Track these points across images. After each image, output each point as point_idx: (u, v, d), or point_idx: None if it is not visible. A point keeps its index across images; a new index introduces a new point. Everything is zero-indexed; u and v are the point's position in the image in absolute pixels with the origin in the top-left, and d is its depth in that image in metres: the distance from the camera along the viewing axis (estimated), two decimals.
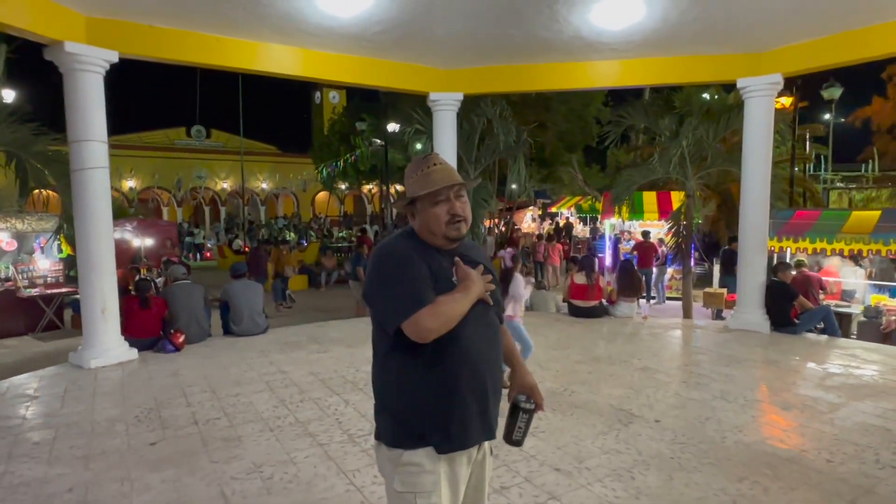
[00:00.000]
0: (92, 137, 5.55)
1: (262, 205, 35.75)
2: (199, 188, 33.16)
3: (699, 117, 8.94)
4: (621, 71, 7.39)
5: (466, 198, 1.76)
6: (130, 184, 30.14)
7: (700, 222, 10.94)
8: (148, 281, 7.03)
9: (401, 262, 1.65)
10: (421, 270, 1.63)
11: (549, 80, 7.79)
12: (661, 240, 11.56)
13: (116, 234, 6.83)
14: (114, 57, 5.64)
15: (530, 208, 23.51)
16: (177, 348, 6.22)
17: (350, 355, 6.08)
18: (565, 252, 14.53)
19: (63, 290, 9.08)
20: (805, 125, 17.59)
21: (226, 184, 34.01)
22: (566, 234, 19.26)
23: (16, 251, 9.27)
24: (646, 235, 11.80)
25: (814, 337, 6.92)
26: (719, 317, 9.35)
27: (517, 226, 20.61)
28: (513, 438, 1.76)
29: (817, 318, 7.05)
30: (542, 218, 24.18)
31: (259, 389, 4.96)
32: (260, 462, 3.52)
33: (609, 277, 10.22)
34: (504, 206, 17.78)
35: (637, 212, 12.07)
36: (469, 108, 9.03)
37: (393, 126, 18.48)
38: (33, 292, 8.77)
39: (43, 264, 9.41)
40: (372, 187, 33.69)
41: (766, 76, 6.84)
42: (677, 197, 11.14)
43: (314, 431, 4.00)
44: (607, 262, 12.51)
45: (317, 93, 38.82)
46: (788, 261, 8.01)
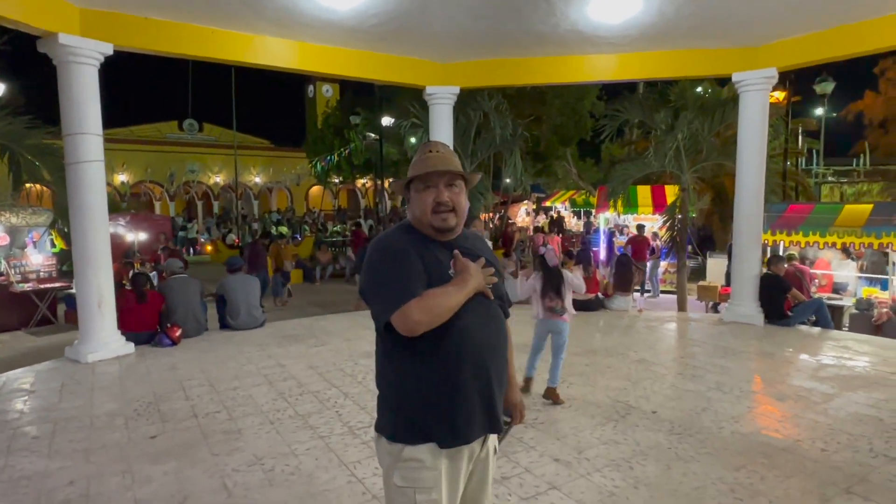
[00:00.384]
0: (87, 130, 5.51)
1: (256, 199, 35.56)
2: (192, 182, 32.93)
3: (694, 111, 8.97)
4: (618, 65, 7.40)
5: (460, 189, 1.70)
6: (122, 178, 29.87)
7: (695, 216, 11.00)
8: (145, 275, 7.00)
9: (393, 257, 1.62)
10: (413, 264, 1.59)
11: (546, 74, 7.80)
12: (656, 233, 11.62)
13: (110, 229, 6.79)
14: (108, 49, 5.59)
15: (525, 202, 23.54)
16: (174, 342, 6.21)
17: (348, 348, 6.09)
18: (564, 246, 14.59)
19: (56, 285, 9.02)
20: (798, 119, 17.68)
21: (218, 178, 33.78)
22: (559, 229, 19.31)
23: (7, 246, 9.19)
24: (640, 229, 11.86)
25: (807, 329, 6.99)
26: (715, 310, 9.43)
27: (511, 220, 20.65)
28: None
29: (810, 311, 7.13)
30: (537, 212, 24.22)
31: (258, 383, 4.96)
32: (261, 454, 3.53)
33: (604, 271, 10.28)
34: (499, 200, 17.80)
35: (632, 206, 12.12)
36: (465, 102, 9.02)
37: (387, 120, 18.42)
38: (26, 287, 8.70)
39: (36, 259, 9.33)
40: (366, 181, 33.57)
41: (761, 70, 6.89)
42: (671, 191, 11.20)
43: (314, 424, 4.01)
44: (601, 256, 12.58)
45: (310, 86, 38.59)
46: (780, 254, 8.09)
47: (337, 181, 31.11)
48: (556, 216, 22.37)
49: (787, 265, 7.70)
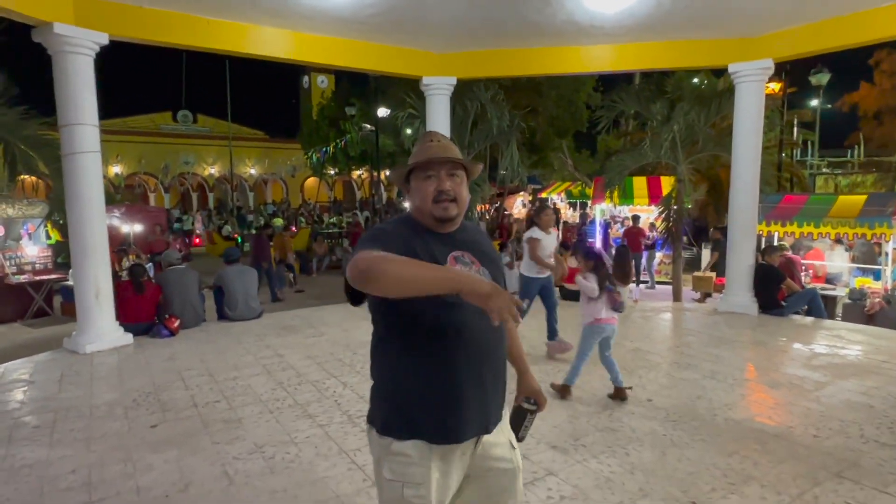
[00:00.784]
0: (83, 121, 5.49)
1: (251, 191, 35.47)
2: (187, 174, 32.80)
3: (691, 102, 8.99)
4: (614, 55, 7.41)
5: (462, 179, 1.66)
6: (116, 169, 29.72)
7: (690, 207, 11.05)
8: (142, 266, 7.00)
9: (377, 235, 1.57)
10: (395, 241, 1.52)
11: (543, 65, 7.79)
12: (653, 224, 11.67)
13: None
14: (103, 39, 5.56)
15: (521, 193, 23.55)
16: (172, 333, 6.22)
17: (346, 338, 6.12)
18: (565, 237, 14.64)
19: (52, 277, 9.01)
20: (793, 111, 17.73)
21: (213, 169, 33.65)
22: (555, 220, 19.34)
23: (3, 237, 9.16)
24: (635, 220, 11.91)
25: (800, 319, 7.07)
26: (703, 300, 9.50)
27: (508, 211, 20.67)
28: (518, 436, 1.87)
29: (804, 301, 7.19)
30: (533, 203, 24.23)
31: (256, 373, 4.99)
32: (261, 443, 3.57)
33: None
34: (495, 192, 17.81)
35: (628, 197, 12.16)
36: (462, 93, 9.01)
37: (383, 111, 18.36)
38: (22, 279, 8.69)
39: (31, 251, 9.31)
40: (362, 173, 33.53)
41: (757, 61, 6.90)
42: (667, 182, 11.24)
43: (313, 413, 4.05)
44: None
45: (305, 77, 38.40)
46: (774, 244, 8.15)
47: (332, 172, 31.06)
48: (554, 207, 22.38)
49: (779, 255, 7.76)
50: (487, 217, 16.86)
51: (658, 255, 11.89)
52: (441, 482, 1.59)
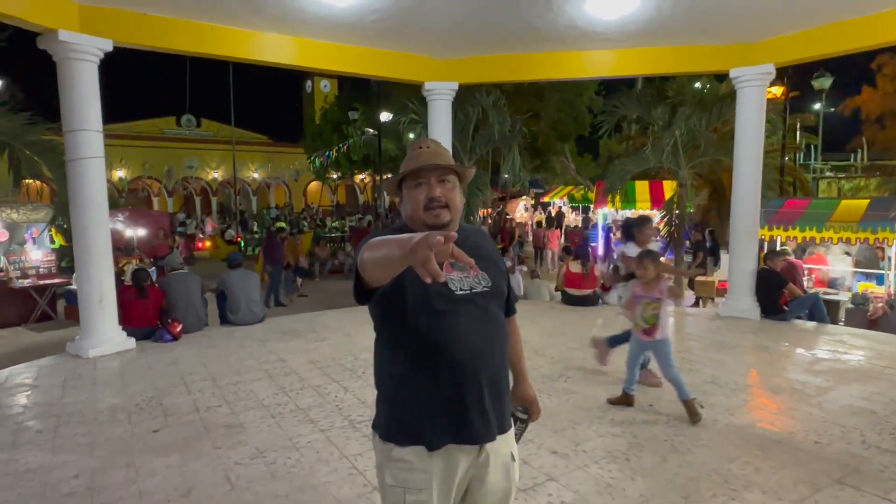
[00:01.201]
0: (87, 127, 5.52)
1: (254, 195, 35.55)
2: (190, 178, 32.90)
3: (692, 107, 9.01)
4: (616, 60, 7.42)
5: (454, 185, 1.62)
6: (120, 174, 29.84)
7: (692, 211, 11.05)
8: (145, 271, 7.03)
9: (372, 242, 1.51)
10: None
11: (545, 70, 7.82)
12: (657, 228, 11.66)
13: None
14: (108, 45, 5.60)
15: (523, 198, 23.59)
16: (174, 338, 6.24)
17: (348, 343, 6.13)
18: (573, 241, 14.69)
19: (56, 281, 9.04)
20: (795, 115, 17.71)
21: (217, 174, 33.75)
22: (557, 224, 19.39)
23: (7, 242, 9.21)
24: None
25: (802, 323, 7.05)
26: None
27: (510, 215, 20.70)
28: None
29: (806, 306, 7.17)
30: (535, 207, 24.27)
31: (259, 377, 5.01)
32: (263, 448, 3.58)
33: (602, 266, 10.34)
34: (497, 196, 17.84)
35: (630, 201, 12.17)
36: (464, 98, 9.04)
37: (386, 115, 18.42)
38: (25, 283, 8.72)
39: (35, 255, 9.35)
40: (364, 177, 33.60)
41: (759, 66, 6.91)
42: (669, 186, 11.25)
43: (315, 418, 4.06)
44: (599, 251, 12.63)
45: (308, 82, 38.52)
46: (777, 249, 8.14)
47: (335, 177, 31.14)
48: (557, 211, 22.44)
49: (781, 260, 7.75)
50: (489, 221, 16.87)
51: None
52: (442, 489, 1.58)
